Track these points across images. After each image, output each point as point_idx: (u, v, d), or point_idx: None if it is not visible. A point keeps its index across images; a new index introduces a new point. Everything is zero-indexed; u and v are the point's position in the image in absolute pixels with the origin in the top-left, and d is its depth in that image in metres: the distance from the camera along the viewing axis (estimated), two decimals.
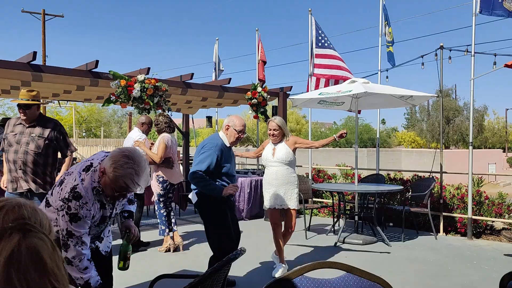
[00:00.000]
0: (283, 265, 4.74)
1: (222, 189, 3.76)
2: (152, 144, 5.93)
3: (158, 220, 5.65)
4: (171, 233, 5.65)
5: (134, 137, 5.68)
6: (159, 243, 6.04)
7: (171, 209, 5.69)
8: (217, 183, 3.80)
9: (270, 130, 4.78)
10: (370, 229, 6.90)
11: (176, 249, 5.63)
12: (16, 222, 1.04)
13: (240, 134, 3.99)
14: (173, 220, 5.66)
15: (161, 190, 5.54)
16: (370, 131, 42.19)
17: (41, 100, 4.33)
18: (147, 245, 5.97)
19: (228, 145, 3.95)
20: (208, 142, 3.88)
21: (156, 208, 5.68)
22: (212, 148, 3.80)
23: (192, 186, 3.90)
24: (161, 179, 5.53)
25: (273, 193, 4.75)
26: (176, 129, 9.67)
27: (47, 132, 4.11)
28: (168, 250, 5.57)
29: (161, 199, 5.57)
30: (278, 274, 4.65)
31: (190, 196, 4.00)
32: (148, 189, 6.38)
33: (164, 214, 5.58)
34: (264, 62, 9.90)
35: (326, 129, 50.08)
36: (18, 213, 1.08)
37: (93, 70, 6.08)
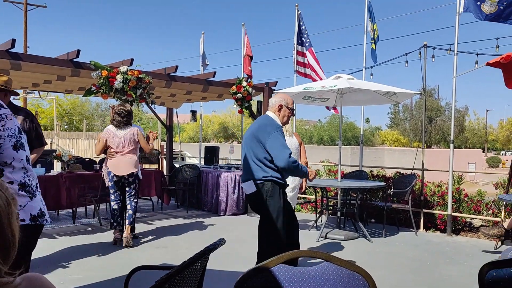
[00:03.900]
0: None
1: (308, 173, 3.61)
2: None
3: None
4: (122, 227, 5.60)
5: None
6: (144, 235, 5.99)
7: (128, 202, 5.57)
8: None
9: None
10: (352, 225, 6.94)
11: (121, 243, 5.43)
12: None
13: (292, 113, 3.76)
14: (126, 214, 5.54)
15: (108, 181, 5.56)
16: (354, 129, 42.60)
17: (22, 91, 4.13)
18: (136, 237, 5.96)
19: (281, 126, 3.68)
20: (268, 124, 3.54)
21: None
22: (277, 128, 3.50)
23: (250, 176, 3.55)
24: (107, 170, 5.55)
25: None
26: (160, 123, 9.56)
27: (18, 122, 3.90)
28: (114, 243, 5.47)
29: (111, 191, 5.55)
30: None
31: (245, 186, 3.64)
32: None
33: (113, 207, 5.56)
34: (251, 57, 9.85)
35: (310, 126, 50.33)
36: None
37: (74, 59, 5.95)
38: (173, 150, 10.70)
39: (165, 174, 9.23)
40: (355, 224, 6.76)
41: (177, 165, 10.01)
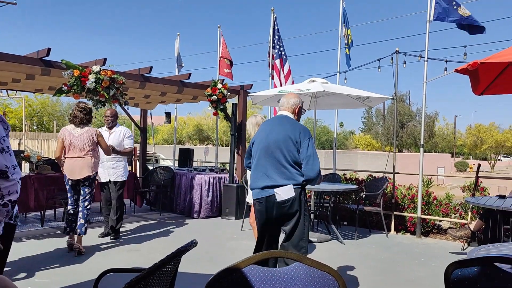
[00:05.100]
0: None
1: None
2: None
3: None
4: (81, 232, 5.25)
5: None
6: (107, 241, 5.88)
7: (80, 209, 5.20)
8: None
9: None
10: (325, 227, 7.02)
11: (73, 250, 5.13)
12: None
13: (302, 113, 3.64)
14: (81, 221, 5.16)
15: (66, 185, 5.24)
16: (328, 133, 43.13)
17: None
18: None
19: None
20: (301, 127, 3.38)
21: None
22: (310, 133, 3.40)
23: (288, 181, 3.30)
24: (64, 174, 5.21)
25: None
26: (133, 125, 9.44)
27: None
28: (70, 250, 5.15)
29: (68, 195, 5.21)
30: None
31: (280, 192, 3.30)
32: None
33: (69, 212, 5.20)
34: (230, 61, 9.82)
35: None
36: None
37: (45, 58, 5.80)
38: (147, 152, 10.57)
39: (138, 176, 9.10)
40: (328, 226, 6.84)
41: (150, 167, 9.89)
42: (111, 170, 6.07)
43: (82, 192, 5.20)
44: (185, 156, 9.54)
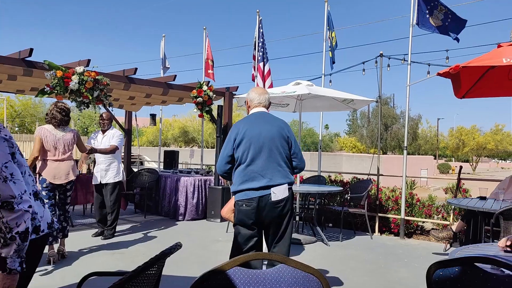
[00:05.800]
0: None
1: None
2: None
3: None
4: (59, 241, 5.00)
5: None
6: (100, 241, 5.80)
7: (61, 213, 4.97)
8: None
9: None
10: (310, 229, 7.05)
11: (57, 256, 4.90)
12: None
13: None
14: (63, 225, 4.96)
15: (42, 190, 4.79)
16: (313, 135, 43.38)
17: None
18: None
19: None
20: (287, 125, 3.41)
21: None
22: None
23: (284, 180, 3.25)
24: (40, 178, 4.83)
25: None
26: (118, 127, 9.35)
27: None
28: (48, 262, 4.77)
29: (45, 201, 4.93)
30: None
31: (276, 191, 3.20)
32: (83, 187, 6.13)
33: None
34: (212, 61, 9.84)
35: None
36: None
37: (27, 58, 5.70)
38: (132, 154, 10.47)
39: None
40: (313, 228, 6.87)
41: (135, 169, 9.80)
42: (103, 173, 6.09)
43: (62, 196, 5.01)
44: (170, 158, 9.49)
